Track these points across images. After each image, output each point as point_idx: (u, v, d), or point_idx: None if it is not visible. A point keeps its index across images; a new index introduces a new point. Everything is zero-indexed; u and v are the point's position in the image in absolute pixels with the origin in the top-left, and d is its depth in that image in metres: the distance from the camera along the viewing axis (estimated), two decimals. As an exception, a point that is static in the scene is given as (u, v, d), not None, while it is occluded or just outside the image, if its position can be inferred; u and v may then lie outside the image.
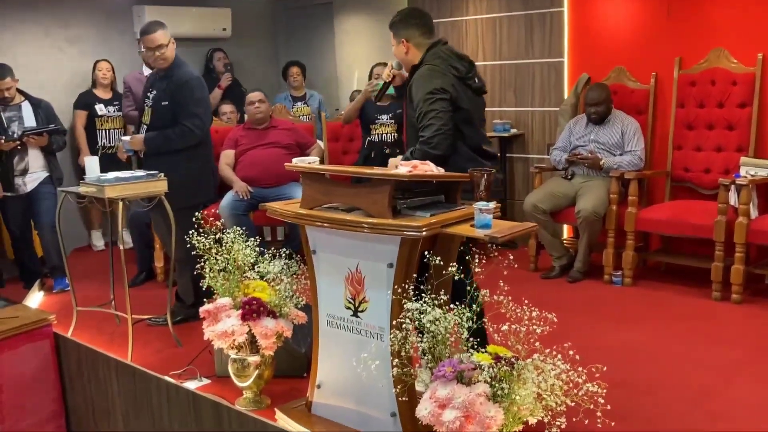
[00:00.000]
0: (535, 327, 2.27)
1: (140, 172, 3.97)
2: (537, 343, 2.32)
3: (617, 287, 4.94)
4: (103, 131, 6.19)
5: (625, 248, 4.93)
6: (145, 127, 4.23)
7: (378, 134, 5.16)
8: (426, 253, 2.54)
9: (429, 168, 2.76)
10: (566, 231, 5.78)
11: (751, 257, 4.64)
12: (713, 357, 3.73)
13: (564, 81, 5.81)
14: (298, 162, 3.14)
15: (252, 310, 3.18)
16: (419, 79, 3.16)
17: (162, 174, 3.94)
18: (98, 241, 6.56)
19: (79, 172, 5.93)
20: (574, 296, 4.77)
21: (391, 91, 4.83)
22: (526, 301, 2.31)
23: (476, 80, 3.26)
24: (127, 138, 4.31)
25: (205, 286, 3.34)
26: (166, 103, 4.17)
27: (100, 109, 6.17)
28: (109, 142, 6.20)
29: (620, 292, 4.87)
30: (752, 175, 4.57)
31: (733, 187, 4.51)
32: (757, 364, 3.64)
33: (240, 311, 3.20)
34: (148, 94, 4.28)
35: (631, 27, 5.40)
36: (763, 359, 3.69)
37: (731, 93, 4.91)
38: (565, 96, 5.74)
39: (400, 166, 2.75)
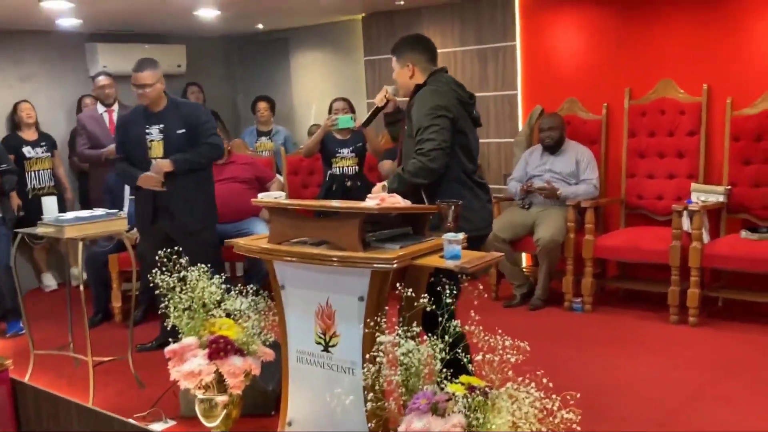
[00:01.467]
0: (509, 355, 2.28)
1: (99, 211, 3.90)
2: (510, 372, 2.33)
3: (578, 314, 5.02)
4: (32, 173, 6.02)
5: (583, 275, 5.02)
6: (155, 161, 4.19)
7: (339, 167, 5.18)
8: (398, 285, 2.55)
9: (397, 200, 2.78)
10: (525, 259, 5.86)
11: (705, 281, 4.76)
12: (675, 379, 3.81)
13: (518, 113, 5.93)
14: (265, 197, 3.13)
15: (219, 348, 3.13)
16: (422, 97, 3.17)
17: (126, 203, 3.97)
18: (50, 282, 6.40)
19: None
20: (537, 324, 4.82)
21: (350, 124, 4.88)
22: (500, 331, 2.33)
23: (475, 111, 3.33)
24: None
25: (169, 326, 3.28)
26: (183, 131, 4.21)
27: (27, 151, 5.98)
28: (39, 184, 6.04)
29: (581, 318, 4.95)
30: (703, 201, 4.72)
31: (685, 213, 4.64)
32: (718, 384, 3.73)
33: (207, 350, 3.15)
34: (148, 129, 4.23)
35: (581, 60, 5.56)
36: (722, 379, 3.78)
37: (680, 122, 5.08)
38: (520, 127, 5.86)
39: (368, 199, 2.76)
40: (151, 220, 4.26)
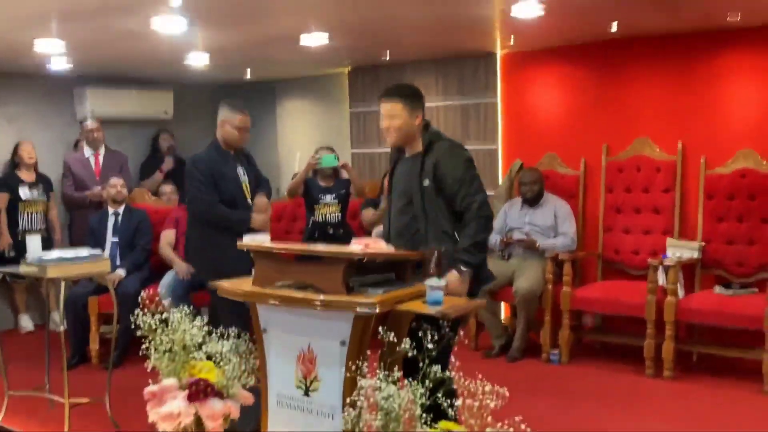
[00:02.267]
0: (488, 401, 2.32)
1: (83, 252, 3.92)
2: (489, 418, 2.37)
3: (555, 366, 5.06)
4: (26, 214, 5.96)
5: (561, 327, 5.08)
6: (255, 201, 4.21)
7: (322, 214, 5.24)
8: (380, 329, 2.59)
9: (381, 246, 2.84)
10: (504, 310, 5.91)
11: (680, 335, 4.84)
12: (651, 432, 3.85)
13: (498, 167, 6.06)
14: (249, 240, 3.18)
15: (199, 390, 3.14)
16: (449, 151, 3.19)
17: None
18: (27, 323, 6.33)
19: None
20: (514, 375, 4.84)
21: (333, 162, 4.95)
22: (480, 376, 2.37)
23: None
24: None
25: (150, 367, 3.29)
26: (254, 172, 4.34)
27: (24, 193, 5.94)
28: (30, 226, 5.97)
29: (558, 370, 4.98)
30: (678, 257, 4.82)
31: (661, 267, 4.74)
32: (692, 438, 3.77)
33: (186, 392, 3.15)
34: (238, 170, 4.21)
35: (560, 116, 5.73)
36: (697, 433, 3.83)
37: (655, 179, 5.23)
38: (500, 181, 5.97)
39: (353, 244, 2.82)
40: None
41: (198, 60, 5.98)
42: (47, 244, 5.86)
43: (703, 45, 5.08)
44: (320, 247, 2.99)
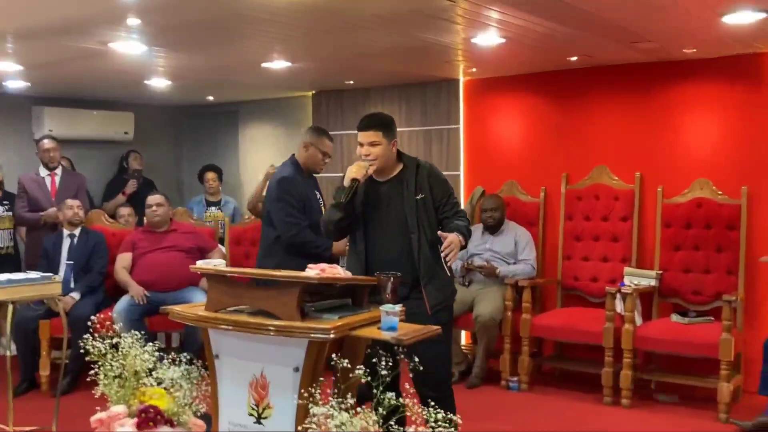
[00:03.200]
0: (441, 429, 2.29)
1: (34, 274, 3.81)
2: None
3: (514, 393, 5.04)
4: None
5: (520, 354, 5.07)
6: None
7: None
8: (334, 356, 2.55)
9: (337, 271, 2.81)
10: (464, 337, 5.89)
11: (638, 363, 4.86)
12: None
13: (460, 193, 6.08)
14: (203, 264, 3.12)
15: (148, 418, 3.05)
16: (434, 172, 3.46)
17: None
18: (-25, 348, 6.13)
19: None
20: (473, 402, 4.81)
21: None
22: (432, 403, 2.34)
23: None
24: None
25: (98, 394, 3.19)
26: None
27: None
28: (0, 243, 5.88)
29: (517, 397, 4.97)
30: (635, 284, 4.86)
31: (618, 295, 4.77)
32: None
33: (135, 420, 3.06)
34: (317, 194, 4.18)
35: (521, 144, 5.78)
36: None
37: (614, 207, 5.29)
38: (462, 207, 5.98)
39: (308, 269, 2.78)
40: None
41: (159, 82, 5.94)
42: (15, 262, 5.72)
43: (661, 76, 5.18)
44: (274, 272, 2.94)
